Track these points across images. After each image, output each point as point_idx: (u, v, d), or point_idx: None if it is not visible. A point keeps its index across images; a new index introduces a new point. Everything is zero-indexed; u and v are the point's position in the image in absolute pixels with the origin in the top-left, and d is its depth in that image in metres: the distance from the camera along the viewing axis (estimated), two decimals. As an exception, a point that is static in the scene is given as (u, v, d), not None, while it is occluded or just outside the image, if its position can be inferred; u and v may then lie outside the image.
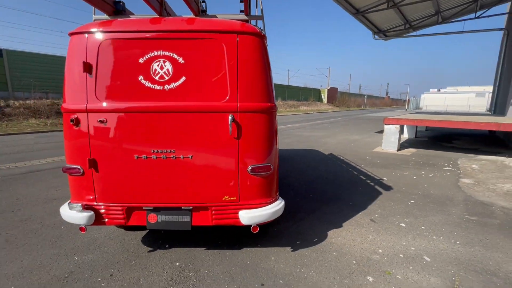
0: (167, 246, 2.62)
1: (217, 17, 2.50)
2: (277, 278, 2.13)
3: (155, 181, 2.10)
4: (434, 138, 10.47)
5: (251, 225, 2.16)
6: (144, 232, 2.88)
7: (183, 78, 2.03)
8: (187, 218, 2.17)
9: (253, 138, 2.09)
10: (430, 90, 53.30)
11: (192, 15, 2.47)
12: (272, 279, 2.13)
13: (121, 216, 2.17)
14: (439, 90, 52.40)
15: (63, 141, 2.15)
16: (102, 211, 2.15)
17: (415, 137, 10.47)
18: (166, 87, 2.03)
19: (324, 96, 54.58)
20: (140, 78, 2.03)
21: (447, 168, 5.60)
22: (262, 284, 2.07)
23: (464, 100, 40.07)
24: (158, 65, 2.02)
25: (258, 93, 2.08)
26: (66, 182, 4.66)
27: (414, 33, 14.64)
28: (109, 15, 2.46)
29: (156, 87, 2.03)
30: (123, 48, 2.02)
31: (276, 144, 2.25)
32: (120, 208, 2.15)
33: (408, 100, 41.51)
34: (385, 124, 7.68)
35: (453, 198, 3.88)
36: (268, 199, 2.23)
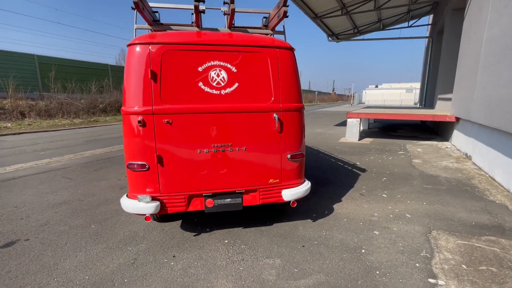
0: (208, 230, 2.99)
1: (247, 31, 2.92)
2: (311, 240, 2.73)
3: (214, 170, 2.48)
4: (383, 128, 12.30)
5: (290, 201, 2.71)
6: (179, 222, 3.18)
7: (236, 84, 2.44)
8: (239, 200, 2.60)
9: (291, 131, 2.62)
10: (369, 86, 60.04)
11: (226, 28, 2.85)
12: (308, 241, 2.72)
13: (183, 203, 2.49)
14: (376, 86, 59.36)
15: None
16: (166, 200, 2.44)
17: (368, 128, 12.15)
18: (223, 91, 2.42)
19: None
20: (200, 84, 2.38)
21: (401, 152, 6.93)
22: (303, 246, 2.64)
23: (397, 95, 46.39)
24: (215, 73, 2.40)
25: (293, 95, 2.61)
26: (60, 187, 4.52)
27: (361, 37, 16.64)
28: (149, 24, 2.69)
29: (214, 91, 2.40)
30: (183, 57, 2.34)
31: (304, 136, 2.82)
32: (182, 196, 2.47)
33: (353, 96, 46.25)
34: (348, 118, 8.88)
35: (411, 174, 5.00)
36: (301, 180, 2.80)
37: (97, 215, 3.42)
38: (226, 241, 2.75)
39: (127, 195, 2.53)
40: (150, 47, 2.28)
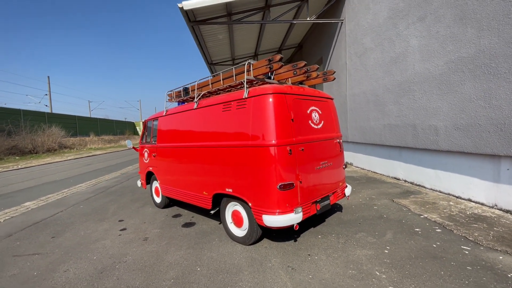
0: (295, 236, 3.74)
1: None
2: (358, 220, 4.19)
3: (321, 181, 3.47)
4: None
5: (347, 196, 4.09)
6: (262, 243, 3.66)
7: (323, 121, 3.67)
8: (328, 201, 3.67)
9: (342, 150, 4.09)
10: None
11: (290, 83, 3.97)
12: (358, 221, 4.16)
13: (309, 210, 3.26)
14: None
15: None
16: (302, 209, 3.14)
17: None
18: (318, 126, 3.56)
19: (140, 129, 53.15)
20: (309, 121, 3.41)
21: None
22: (359, 223, 4.05)
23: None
24: (314, 115, 3.52)
25: (339, 127, 4.13)
26: (43, 265, 3.32)
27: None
28: (255, 76, 3.39)
29: (315, 126, 3.50)
30: (300, 104, 3.32)
31: (339, 153, 4.35)
32: (309, 204, 3.25)
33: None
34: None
35: (340, 178, 7.56)
36: (345, 182, 4.26)
37: (169, 273, 3.17)
38: (319, 236, 3.68)
39: (267, 214, 2.97)
40: (285, 96, 3.12)
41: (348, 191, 4.09)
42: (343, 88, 9.54)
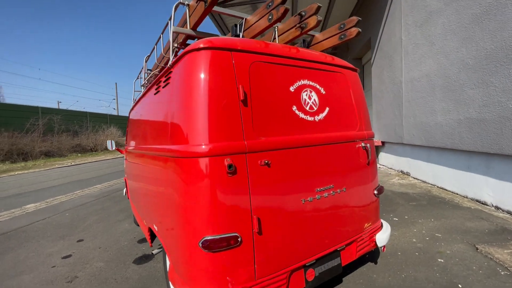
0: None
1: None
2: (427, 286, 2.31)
3: (317, 225, 1.77)
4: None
5: (382, 247, 2.25)
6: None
7: (327, 108, 1.95)
8: (338, 261, 1.94)
9: (373, 163, 2.27)
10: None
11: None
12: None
13: (284, 286, 1.61)
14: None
15: None
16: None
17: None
18: (316, 118, 1.87)
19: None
20: (294, 108, 1.75)
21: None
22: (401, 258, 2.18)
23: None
24: (306, 95, 1.84)
25: (368, 121, 2.32)
26: None
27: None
28: (192, 29, 1.90)
29: (309, 118, 1.82)
30: (272, 73, 1.70)
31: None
32: (284, 276, 1.60)
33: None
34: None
35: (387, 194, 5.43)
36: (380, 219, 2.40)
37: None
38: (319, 324, 1.96)
39: None
40: (232, 56, 1.54)
41: (383, 237, 2.23)
42: (398, 73, 7.19)
